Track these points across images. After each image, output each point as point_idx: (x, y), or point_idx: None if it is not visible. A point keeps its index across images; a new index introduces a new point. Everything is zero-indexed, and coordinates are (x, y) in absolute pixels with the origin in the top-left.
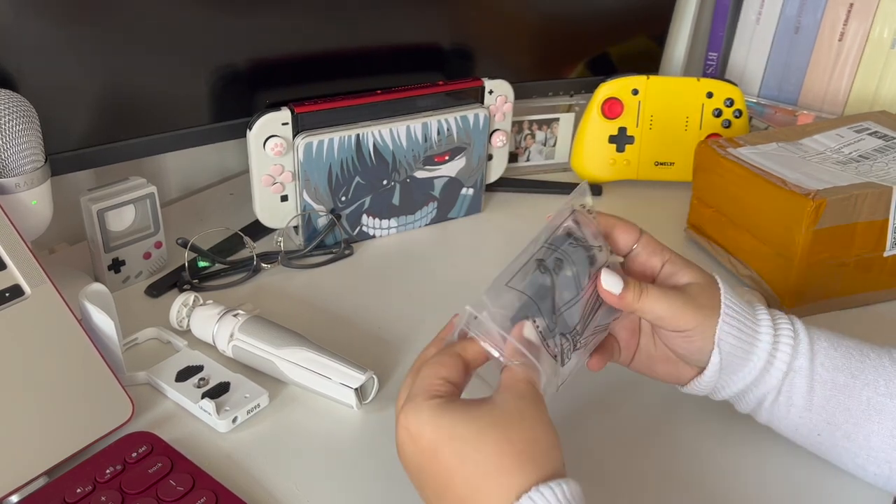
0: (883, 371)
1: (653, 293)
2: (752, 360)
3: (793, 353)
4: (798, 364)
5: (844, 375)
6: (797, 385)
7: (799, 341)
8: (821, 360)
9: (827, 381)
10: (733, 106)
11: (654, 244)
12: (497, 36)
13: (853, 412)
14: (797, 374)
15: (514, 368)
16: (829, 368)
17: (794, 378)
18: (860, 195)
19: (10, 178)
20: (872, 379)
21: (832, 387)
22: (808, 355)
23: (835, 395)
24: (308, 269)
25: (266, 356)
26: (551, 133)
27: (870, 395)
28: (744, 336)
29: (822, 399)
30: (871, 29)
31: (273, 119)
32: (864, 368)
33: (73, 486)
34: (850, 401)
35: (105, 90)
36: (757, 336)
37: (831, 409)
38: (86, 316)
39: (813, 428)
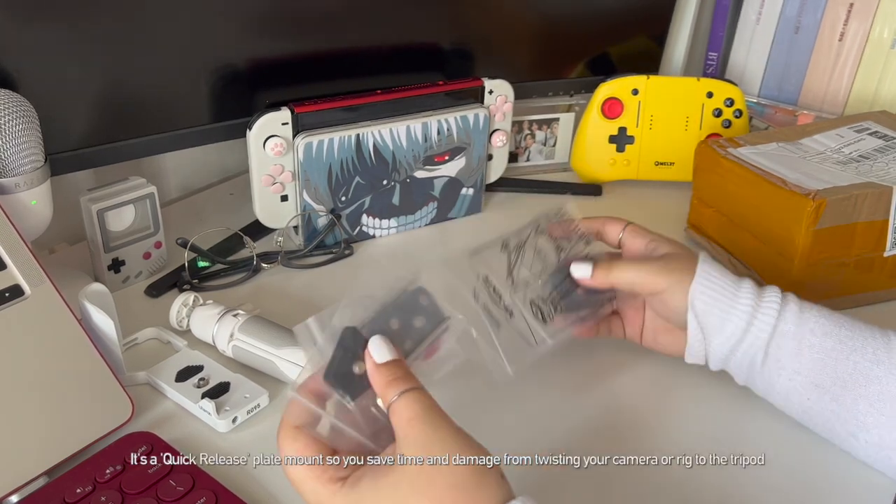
0: (871, 339)
1: (621, 265)
2: (732, 320)
3: (778, 317)
4: (785, 328)
5: (832, 341)
6: (785, 347)
7: (786, 309)
8: (810, 326)
9: (815, 345)
10: (733, 106)
11: (638, 229)
12: (497, 36)
13: (840, 375)
14: (784, 336)
15: (397, 408)
16: (817, 334)
17: (781, 340)
18: (860, 195)
19: (10, 178)
20: (860, 346)
21: (820, 350)
22: (796, 321)
23: (822, 359)
24: (308, 269)
25: (266, 356)
26: (551, 133)
27: (857, 360)
28: (720, 297)
29: (810, 361)
30: (871, 29)
31: (273, 119)
32: (853, 336)
33: (73, 486)
34: (837, 364)
35: (105, 90)
36: (736, 299)
37: (819, 371)
38: (86, 316)
39: (803, 392)
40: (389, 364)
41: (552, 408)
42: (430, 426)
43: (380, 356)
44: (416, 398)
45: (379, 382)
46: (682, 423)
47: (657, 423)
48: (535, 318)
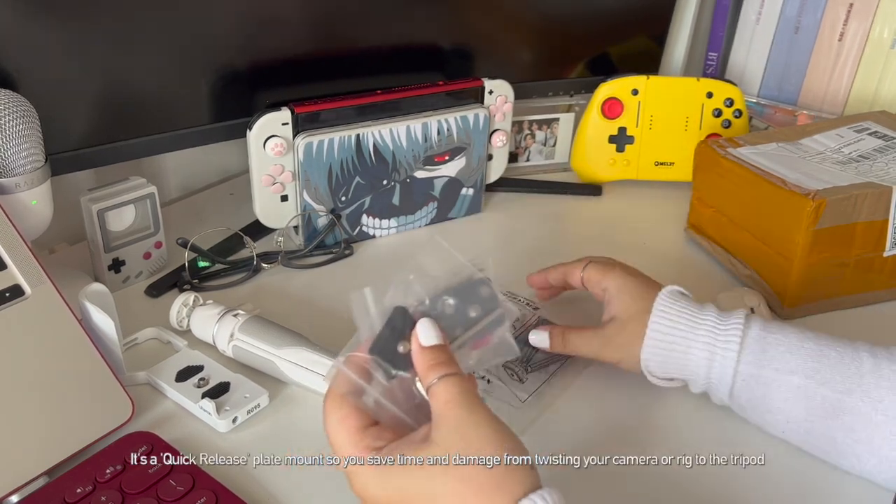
0: (841, 369)
1: (573, 340)
2: (689, 375)
3: (737, 360)
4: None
5: (798, 377)
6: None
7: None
8: (774, 364)
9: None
10: (733, 106)
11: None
12: (497, 36)
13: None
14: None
15: (437, 390)
16: (783, 372)
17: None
18: (860, 195)
19: (10, 178)
20: (829, 378)
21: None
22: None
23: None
24: (308, 269)
25: (266, 356)
26: (551, 133)
27: (825, 394)
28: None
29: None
30: (871, 29)
31: (273, 119)
32: (820, 369)
33: (73, 486)
34: (807, 402)
35: (105, 90)
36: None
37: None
38: (86, 316)
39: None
40: (434, 348)
41: (551, 408)
42: (467, 410)
43: (426, 339)
44: (455, 383)
45: (421, 364)
46: (682, 423)
47: (657, 423)
48: (512, 380)
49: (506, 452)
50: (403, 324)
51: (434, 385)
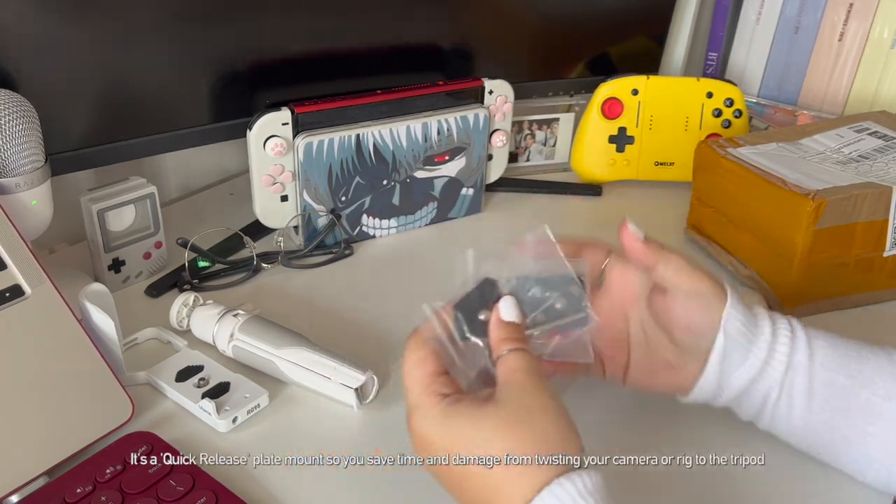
0: (881, 372)
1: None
2: (754, 351)
3: (791, 348)
4: (797, 360)
5: (843, 376)
6: (797, 384)
7: (797, 338)
8: (819, 358)
9: (826, 381)
10: (733, 106)
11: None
12: (497, 36)
13: (852, 414)
14: (796, 371)
15: (507, 359)
16: (827, 368)
17: (794, 376)
18: (860, 195)
19: (10, 178)
20: (870, 379)
21: (831, 387)
22: (807, 352)
23: (834, 396)
24: (308, 269)
25: (266, 356)
26: (551, 133)
27: (868, 397)
28: (746, 325)
29: (821, 399)
30: (871, 29)
31: (273, 119)
32: (863, 369)
33: (73, 486)
34: (848, 402)
35: (105, 90)
36: (757, 327)
37: (830, 409)
38: (86, 316)
39: (812, 430)
40: (511, 324)
41: None
42: (532, 380)
43: (506, 314)
44: (524, 357)
45: (496, 335)
46: (682, 423)
47: (657, 422)
48: None
49: (562, 428)
50: (490, 294)
51: (504, 356)
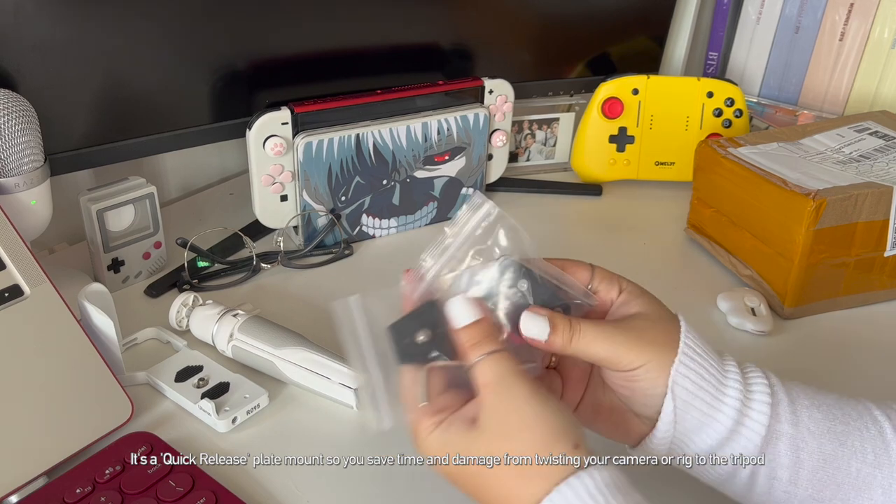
0: (868, 436)
1: (587, 332)
2: (719, 417)
3: (772, 413)
4: (782, 429)
5: (832, 443)
6: (781, 454)
7: (778, 400)
8: (805, 424)
9: (814, 451)
10: (734, 106)
11: (608, 275)
12: (497, 36)
13: (843, 487)
14: (780, 440)
15: (478, 369)
16: (815, 434)
17: (778, 445)
18: (860, 195)
19: (10, 177)
20: (860, 447)
21: (820, 457)
22: (792, 419)
23: (823, 467)
24: (308, 269)
25: (266, 356)
26: (551, 133)
27: (859, 467)
28: (706, 384)
29: (809, 472)
30: (871, 29)
31: (273, 119)
32: (849, 433)
33: (73, 486)
34: (839, 473)
35: (104, 90)
36: (723, 387)
37: (819, 482)
38: (85, 316)
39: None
40: (469, 327)
41: None
42: (506, 395)
43: (458, 320)
44: (493, 364)
45: (461, 345)
46: None
47: None
48: None
49: (546, 436)
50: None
51: (474, 367)
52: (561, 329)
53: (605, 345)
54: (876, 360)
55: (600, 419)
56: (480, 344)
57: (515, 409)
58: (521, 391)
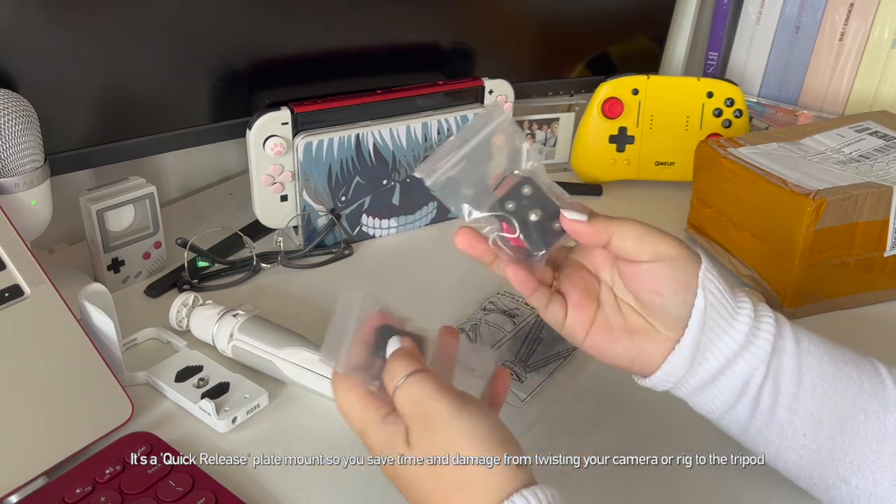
0: (862, 368)
1: (623, 219)
2: (737, 326)
3: (776, 332)
4: (786, 345)
5: (829, 365)
6: (785, 366)
7: (781, 322)
8: (805, 346)
9: (814, 368)
10: (734, 106)
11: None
12: (497, 36)
13: (839, 407)
14: (784, 354)
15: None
16: (814, 355)
17: (782, 357)
18: (860, 195)
19: (10, 177)
20: (855, 374)
21: (819, 374)
22: (794, 337)
23: (821, 385)
24: (308, 269)
25: (266, 356)
26: (551, 133)
27: (855, 391)
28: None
29: (809, 387)
30: (871, 29)
31: (273, 119)
32: (846, 361)
33: (73, 486)
34: (836, 394)
35: (105, 90)
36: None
37: (818, 400)
38: (85, 316)
39: (799, 427)
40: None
41: (551, 408)
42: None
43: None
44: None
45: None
46: (682, 423)
47: (657, 422)
48: (511, 379)
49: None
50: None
51: (394, 398)
52: (599, 217)
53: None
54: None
55: (615, 344)
56: (396, 372)
57: (440, 431)
58: (442, 411)
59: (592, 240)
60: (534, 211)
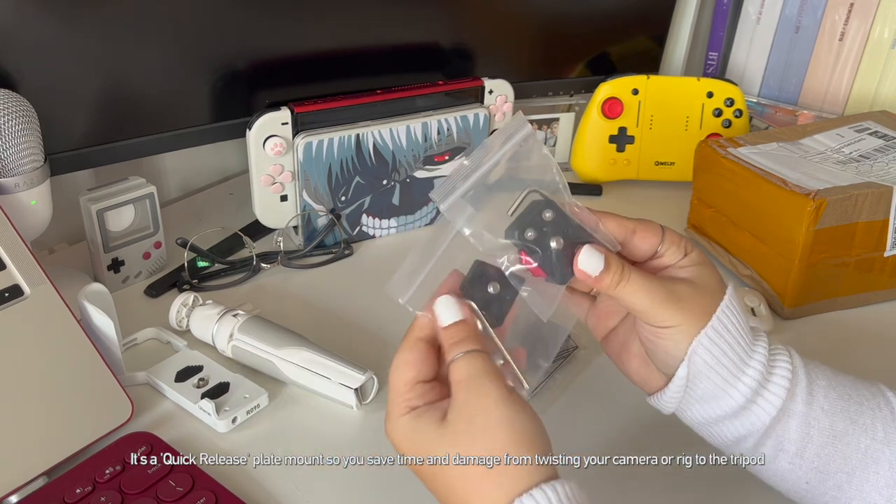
0: (880, 415)
1: (634, 281)
2: (732, 393)
3: (788, 394)
4: (795, 408)
5: (843, 421)
6: (791, 429)
7: (797, 381)
8: (819, 402)
9: (825, 428)
10: (733, 106)
11: (677, 240)
12: (497, 36)
13: (850, 461)
14: (792, 418)
15: (455, 366)
16: (827, 413)
17: (789, 422)
18: (860, 195)
19: (10, 177)
20: (871, 424)
21: (830, 434)
22: (806, 398)
23: (832, 443)
24: (308, 269)
25: (266, 356)
26: (551, 133)
27: (868, 444)
28: (726, 360)
29: (817, 447)
30: (871, 29)
31: (273, 119)
32: (862, 412)
33: (73, 486)
34: (847, 449)
35: (105, 90)
36: (746, 365)
37: (826, 456)
38: (85, 316)
39: (801, 476)
40: (453, 326)
41: (551, 408)
42: (477, 393)
43: (445, 319)
44: (469, 362)
45: (444, 343)
46: (682, 423)
47: (657, 422)
48: None
49: (511, 441)
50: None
51: (453, 363)
52: (613, 270)
53: (645, 297)
54: (876, 359)
55: (626, 360)
56: (460, 343)
57: (483, 410)
58: (492, 393)
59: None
60: (555, 238)
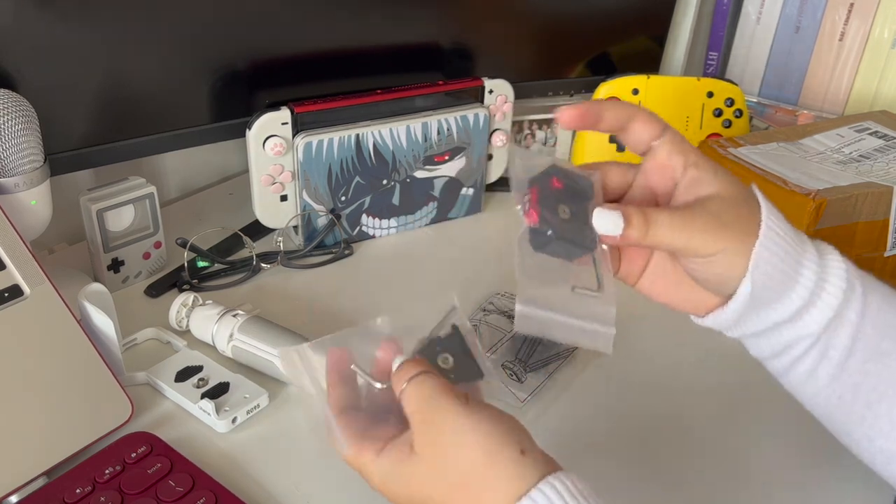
0: None
1: (662, 221)
2: (791, 296)
3: (845, 297)
4: (848, 316)
5: (889, 341)
6: (840, 337)
7: (853, 289)
8: (871, 317)
9: (872, 344)
10: (734, 106)
11: (680, 143)
12: (497, 36)
13: (884, 379)
14: (843, 326)
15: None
16: (878, 328)
17: (839, 330)
18: (860, 195)
19: (10, 177)
20: None
21: (876, 350)
22: (860, 309)
23: (873, 360)
24: (308, 269)
25: (265, 356)
26: (551, 133)
27: None
28: (784, 266)
29: (859, 361)
30: (871, 29)
31: (272, 119)
32: None
33: (73, 486)
34: (887, 371)
35: (105, 90)
36: (800, 267)
37: (866, 373)
38: (85, 316)
39: (836, 390)
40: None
41: (551, 408)
42: (433, 416)
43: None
44: (417, 387)
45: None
46: (682, 423)
47: (658, 422)
48: (511, 380)
49: (487, 447)
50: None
51: (401, 398)
52: (636, 221)
53: (682, 233)
54: None
55: (669, 293)
56: (401, 377)
57: (448, 427)
58: (449, 406)
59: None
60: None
